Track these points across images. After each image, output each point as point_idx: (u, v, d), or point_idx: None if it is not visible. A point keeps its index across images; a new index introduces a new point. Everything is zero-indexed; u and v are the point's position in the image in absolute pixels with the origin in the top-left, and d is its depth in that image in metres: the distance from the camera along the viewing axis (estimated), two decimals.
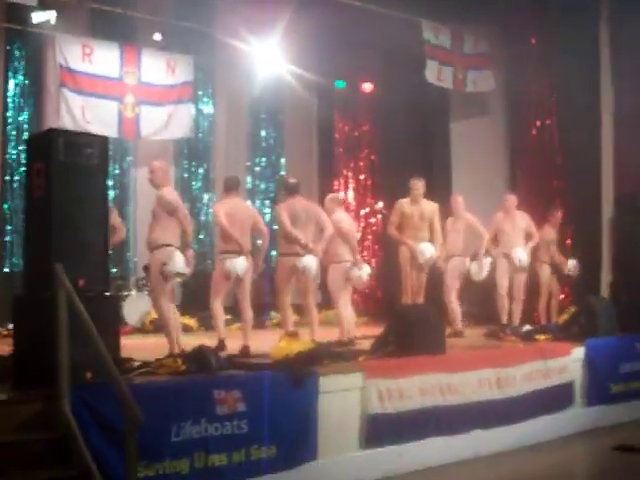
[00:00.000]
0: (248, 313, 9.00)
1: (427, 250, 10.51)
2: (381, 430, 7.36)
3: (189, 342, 7.94)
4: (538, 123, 13.57)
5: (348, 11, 12.61)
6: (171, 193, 8.28)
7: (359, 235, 10.42)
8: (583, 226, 12.51)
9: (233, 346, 8.60)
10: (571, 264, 12.12)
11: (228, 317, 9.51)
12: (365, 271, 9.83)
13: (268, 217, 14.98)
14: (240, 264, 8.72)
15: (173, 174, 14.20)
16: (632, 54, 11.97)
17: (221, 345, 8.62)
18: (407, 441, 7.53)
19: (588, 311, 10.17)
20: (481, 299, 11.85)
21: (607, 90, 12.23)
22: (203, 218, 14.75)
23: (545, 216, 12.41)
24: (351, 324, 9.96)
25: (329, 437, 6.99)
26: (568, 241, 12.85)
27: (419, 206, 10.66)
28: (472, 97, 14.04)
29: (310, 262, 9.16)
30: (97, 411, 5.61)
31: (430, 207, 10.73)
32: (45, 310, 5.73)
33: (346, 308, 9.96)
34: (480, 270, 11.02)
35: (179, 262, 7.86)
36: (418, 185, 10.70)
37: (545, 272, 12.17)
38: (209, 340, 8.43)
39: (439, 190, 12.49)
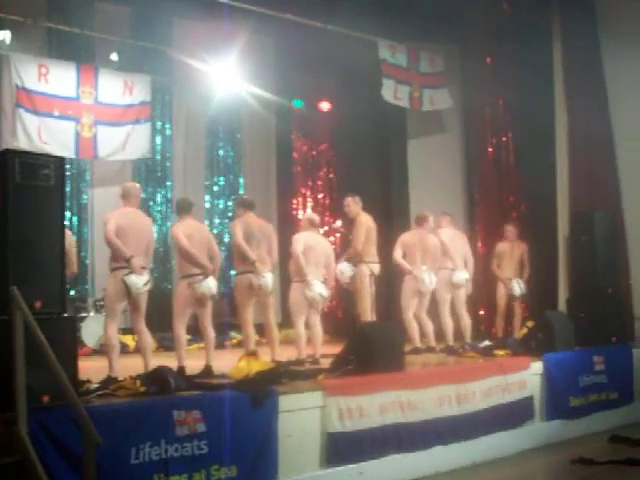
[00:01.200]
0: (211, 333, 8.95)
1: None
2: (342, 448, 7.35)
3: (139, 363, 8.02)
4: (494, 140, 13.75)
5: (305, 31, 12.72)
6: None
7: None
8: (539, 243, 12.64)
9: (193, 366, 8.56)
10: (515, 283, 12.28)
11: (188, 337, 9.46)
12: (316, 291, 9.81)
13: (227, 237, 14.98)
14: (213, 285, 8.72)
15: None
16: (584, 72, 12.15)
17: (181, 371, 8.57)
18: (368, 459, 7.52)
19: (546, 326, 10.26)
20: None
21: (561, 108, 12.37)
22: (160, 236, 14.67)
23: (501, 232, 12.61)
24: (317, 343, 9.99)
25: (289, 456, 6.97)
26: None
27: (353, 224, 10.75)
28: (429, 115, 14.17)
29: (266, 279, 9.20)
30: (55, 434, 5.55)
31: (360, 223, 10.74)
32: (1, 333, 5.65)
33: (314, 326, 10.00)
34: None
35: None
36: (346, 202, 10.81)
37: (501, 288, 12.39)
38: (167, 361, 8.38)
39: (397, 207, 12.56)
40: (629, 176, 11.89)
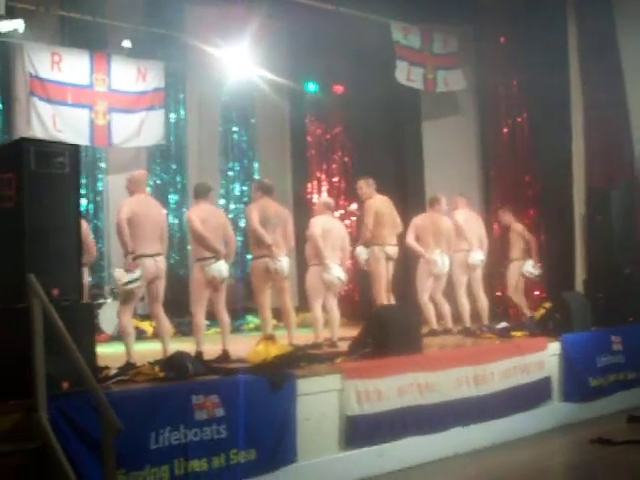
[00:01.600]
0: (225, 317, 8.98)
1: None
2: (360, 431, 7.38)
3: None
4: (509, 121, 13.68)
5: (318, 14, 12.66)
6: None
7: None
8: (556, 223, 12.60)
9: (210, 351, 8.59)
10: (528, 265, 12.24)
11: (206, 322, 9.49)
12: (334, 274, 9.84)
13: (243, 221, 14.98)
14: (224, 268, 8.73)
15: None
16: (599, 53, 12.07)
17: (199, 356, 8.61)
18: (387, 441, 7.56)
19: (563, 307, 10.24)
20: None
21: (576, 88, 12.31)
22: (176, 221, 14.70)
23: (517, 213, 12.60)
24: (335, 326, 10.02)
25: (308, 439, 7.00)
26: (541, 238, 12.96)
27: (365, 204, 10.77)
28: (443, 96, 14.10)
29: (282, 263, 9.21)
30: (75, 421, 5.59)
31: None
32: (20, 321, 5.69)
33: (331, 310, 10.04)
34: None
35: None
36: (358, 184, 10.88)
37: (512, 269, 12.36)
38: (185, 346, 8.40)
39: (412, 189, 12.53)
40: None
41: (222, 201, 15.42)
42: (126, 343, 8.11)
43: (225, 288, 9.02)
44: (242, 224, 15.00)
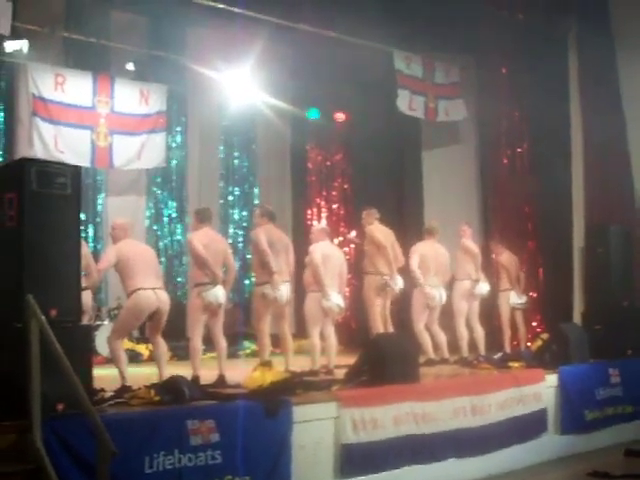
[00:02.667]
0: (222, 342, 8.94)
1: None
2: (355, 460, 7.33)
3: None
4: (509, 152, 13.70)
5: (321, 40, 12.71)
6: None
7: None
8: (554, 255, 12.61)
9: (207, 375, 8.55)
10: (514, 295, 12.24)
11: (202, 347, 9.45)
12: (334, 301, 9.82)
13: (241, 246, 14.99)
14: (221, 294, 8.72)
15: (144, 204, 14.38)
16: (600, 85, 12.14)
17: (195, 380, 8.57)
18: (382, 470, 7.50)
19: (561, 338, 10.24)
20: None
21: (577, 120, 12.36)
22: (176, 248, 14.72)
23: (516, 244, 12.60)
24: (332, 353, 10.00)
25: (303, 467, 6.95)
26: (540, 269, 12.97)
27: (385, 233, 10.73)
28: (444, 126, 14.14)
29: (281, 292, 9.20)
30: (69, 443, 5.55)
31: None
32: (17, 341, 5.67)
33: (329, 337, 10.02)
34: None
35: None
36: (364, 214, 10.90)
37: (503, 301, 12.35)
38: (181, 370, 8.36)
39: (411, 219, 12.54)
40: None
41: (221, 225, 15.43)
42: (119, 367, 8.11)
43: (223, 313, 8.99)
44: (240, 248, 15.02)
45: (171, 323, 8.95)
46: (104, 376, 7.91)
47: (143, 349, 11.49)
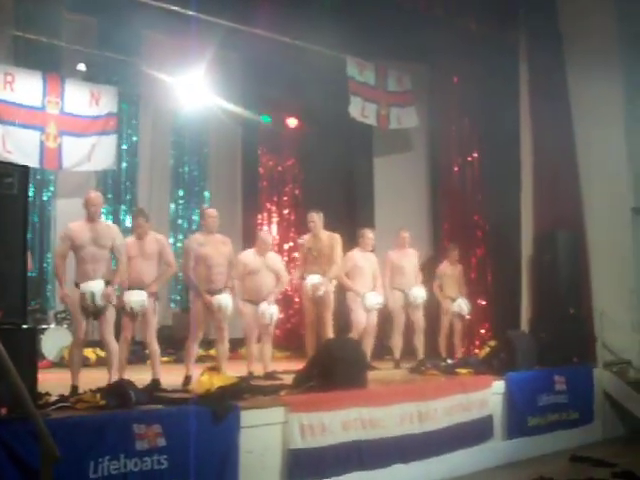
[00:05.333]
0: (155, 346, 8.95)
1: (313, 280, 10.52)
2: (303, 465, 7.30)
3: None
4: (460, 160, 13.83)
5: (273, 46, 12.72)
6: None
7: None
8: (503, 262, 12.74)
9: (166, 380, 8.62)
10: (459, 303, 12.35)
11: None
12: (263, 310, 9.92)
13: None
14: (139, 299, 8.77)
15: None
16: (550, 94, 12.27)
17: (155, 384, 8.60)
18: (329, 476, 7.48)
19: (508, 345, 10.33)
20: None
21: (527, 129, 12.48)
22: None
23: (464, 251, 12.71)
24: (267, 359, 10.14)
25: (250, 472, 6.92)
26: (488, 277, 13.09)
27: (317, 239, 10.66)
28: (396, 133, 14.23)
29: (226, 300, 9.23)
30: (12, 447, 5.44)
31: (328, 240, 10.68)
32: None
33: (265, 345, 10.13)
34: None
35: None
36: (313, 218, 10.70)
37: (445, 307, 12.44)
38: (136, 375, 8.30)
39: (362, 224, 12.58)
40: (592, 196, 12.00)
41: (170, 228, 15.39)
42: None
43: (153, 319, 8.93)
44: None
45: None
46: (49, 380, 7.82)
47: (90, 353, 11.36)
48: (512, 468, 9.25)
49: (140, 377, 8.11)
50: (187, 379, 8.75)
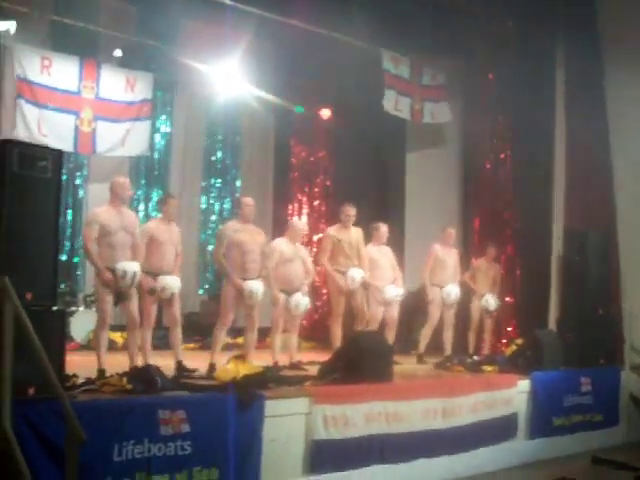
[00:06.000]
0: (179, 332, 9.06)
1: (357, 274, 10.47)
2: (325, 456, 7.35)
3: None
4: (492, 156, 13.74)
5: (308, 36, 12.70)
6: None
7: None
8: (532, 261, 12.66)
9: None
10: (486, 298, 12.27)
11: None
12: (298, 301, 9.97)
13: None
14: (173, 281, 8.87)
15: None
16: (585, 94, 12.18)
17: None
18: (351, 468, 7.52)
19: (535, 344, 10.29)
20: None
21: (561, 128, 12.41)
22: None
23: (496, 250, 12.65)
24: (293, 349, 10.22)
25: (273, 462, 6.96)
26: (517, 275, 13.02)
27: (348, 232, 10.64)
28: (429, 128, 14.17)
29: (257, 286, 9.23)
30: (38, 428, 5.53)
31: (357, 234, 10.70)
32: None
33: (291, 335, 10.20)
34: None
35: None
36: (351, 212, 10.65)
37: (475, 304, 12.36)
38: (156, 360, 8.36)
39: (392, 219, 12.57)
40: (624, 197, 11.90)
41: (202, 216, 15.47)
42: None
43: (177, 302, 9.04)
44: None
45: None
46: (77, 363, 7.89)
47: (117, 337, 11.44)
48: (534, 467, 9.24)
49: (165, 362, 8.17)
50: (211, 367, 8.71)
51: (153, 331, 9.05)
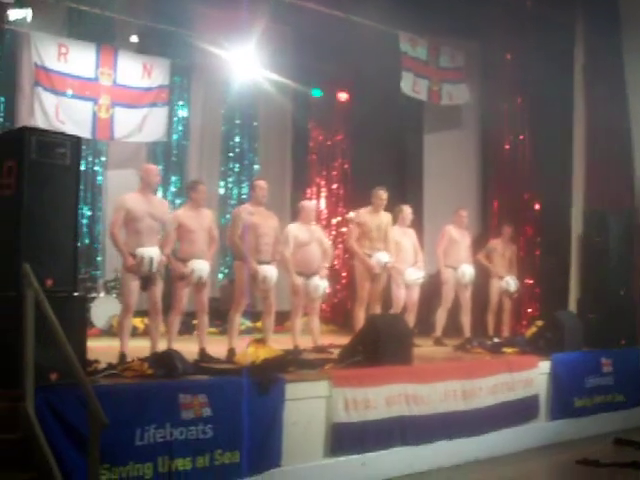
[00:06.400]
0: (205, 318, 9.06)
1: (383, 258, 10.46)
2: (346, 439, 7.36)
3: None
4: (511, 138, 13.66)
5: (325, 19, 12.65)
6: None
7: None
8: (552, 242, 12.61)
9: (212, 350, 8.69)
10: (507, 280, 12.21)
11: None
12: (317, 284, 9.94)
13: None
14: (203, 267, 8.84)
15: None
16: (604, 73, 12.09)
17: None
18: (371, 450, 7.55)
19: (555, 326, 10.25)
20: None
21: (580, 108, 12.33)
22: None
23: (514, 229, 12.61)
24: (316, 332, 10.18)
25: (294, 444, 6.99)
26: (537, 256, 12.97)
27: (378, 217, 10.63)
28: (446, 109, 14.11)
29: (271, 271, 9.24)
30: (61, 413, 5.57)
31: (386, 218, 10.71)
32: (12, 310, 5.68)
33: (313, 318, 10.17)
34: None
35: None
36: (384, 196, 10.65)
37: (494, 285, 12.31)
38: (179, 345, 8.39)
39: (410, 201, 12.53)
40: None
41: (220, 201, 15.47)
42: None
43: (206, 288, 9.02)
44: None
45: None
46: (98, 348, 7.94)
47: (138, 322, 11.50)
48: (556, 449, 9.23)
49: (187, 348, 8.19)
50: (230, 351, 8.71)
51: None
